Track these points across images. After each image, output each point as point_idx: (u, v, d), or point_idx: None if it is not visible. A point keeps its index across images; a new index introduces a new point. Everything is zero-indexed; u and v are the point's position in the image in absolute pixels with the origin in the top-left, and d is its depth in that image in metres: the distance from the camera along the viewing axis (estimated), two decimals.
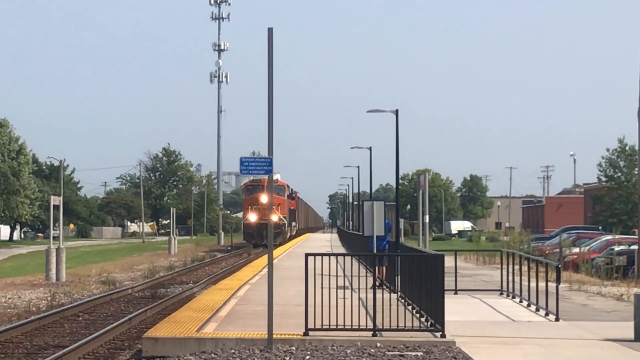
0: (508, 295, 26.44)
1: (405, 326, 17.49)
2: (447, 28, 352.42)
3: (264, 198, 71.50)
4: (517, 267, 26.25)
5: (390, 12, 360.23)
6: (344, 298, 18.13)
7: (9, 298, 31.86)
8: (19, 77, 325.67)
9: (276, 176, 67.25)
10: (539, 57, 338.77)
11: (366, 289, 20.16)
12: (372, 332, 17.25)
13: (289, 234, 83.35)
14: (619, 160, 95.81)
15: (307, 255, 17.44)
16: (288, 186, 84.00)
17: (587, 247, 45.83)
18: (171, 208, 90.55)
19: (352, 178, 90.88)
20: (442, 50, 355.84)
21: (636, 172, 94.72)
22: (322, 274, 17.46)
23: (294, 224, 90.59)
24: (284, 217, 77.21)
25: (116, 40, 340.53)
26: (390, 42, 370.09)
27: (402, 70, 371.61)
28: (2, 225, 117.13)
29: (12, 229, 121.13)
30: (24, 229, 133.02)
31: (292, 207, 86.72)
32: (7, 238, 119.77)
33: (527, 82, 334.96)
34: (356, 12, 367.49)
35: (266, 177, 17.83)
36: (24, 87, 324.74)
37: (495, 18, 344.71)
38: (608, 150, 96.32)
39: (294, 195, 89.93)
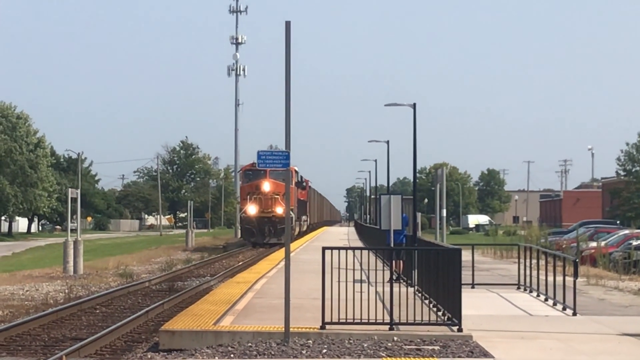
0: (525, 290, 26.39)
1: (422, 320, 17.46)
2: (465, 21, 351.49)
3: (266, 186, 60.77)
4: (534, 261, 26.23)
5: (407, 5, 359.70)
6: (361, 292, 18.10)
7: (27, 290, 31.99)
8: (38, 70, 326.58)
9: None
10: (557, 50, 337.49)
11: (383, 282, 20.14)
12: (389, 326, 17.23)
13: (297, 230, 70.99)
14: (638, 154, 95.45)
15: (324, 248, 17.43)
16: (297, 172, 68.19)
17: (604, 242, 45.60)
18: (189, 201, 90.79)
19: (369, 171, 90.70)
20: (460, 43, 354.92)
21: None
22: (339, 268, 17.44)
23: (304, 217, 78.85)
24: (291, 210, 61.84)
25: (133, 33, 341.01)
26: (408, 35, 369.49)
27: (420, 63, 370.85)
28: (20, 218, 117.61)
29: (30, 222, 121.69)
30: (42, 221, 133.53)
31: (301, 198, 74.36)
32: (25, 230, 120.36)
33: (545, 76, 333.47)
34: (374, 5, 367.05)
35: None
36: (43, 81, 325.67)
37: (514, 11, 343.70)
38: (627, 144, 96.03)
39: (304, 183, 78.36)
